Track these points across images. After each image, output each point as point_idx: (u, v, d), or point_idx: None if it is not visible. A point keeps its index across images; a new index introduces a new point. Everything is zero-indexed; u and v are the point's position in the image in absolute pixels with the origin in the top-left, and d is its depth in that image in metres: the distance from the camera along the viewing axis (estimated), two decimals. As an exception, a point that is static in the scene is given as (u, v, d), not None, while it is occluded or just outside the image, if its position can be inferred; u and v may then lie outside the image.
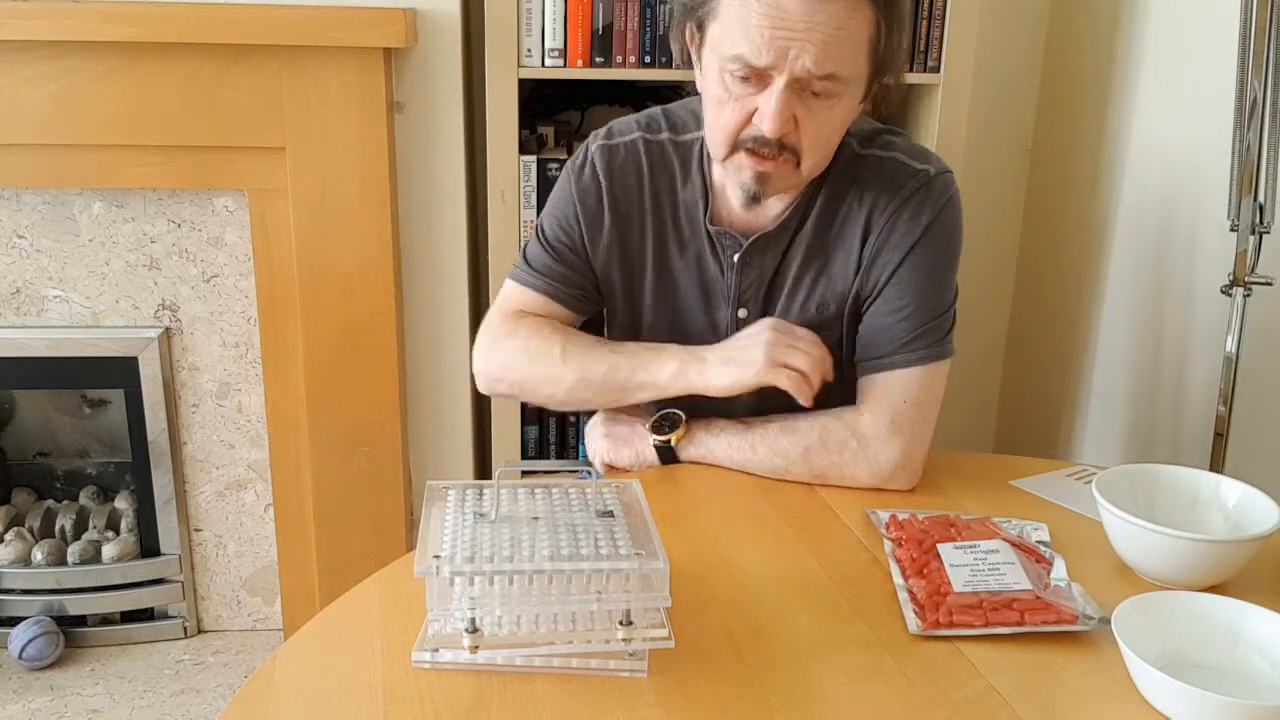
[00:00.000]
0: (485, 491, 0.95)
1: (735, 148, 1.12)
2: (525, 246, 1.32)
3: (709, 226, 1.23)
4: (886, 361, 1.19)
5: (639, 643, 0.87)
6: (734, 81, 1.08)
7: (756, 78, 1.07)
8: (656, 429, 1.25)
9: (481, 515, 0.91)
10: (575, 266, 1.28)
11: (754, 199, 1.15)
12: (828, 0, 1.03)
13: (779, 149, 1.10)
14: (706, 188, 1.24)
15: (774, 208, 1.22)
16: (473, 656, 0.87)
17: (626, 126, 1.27)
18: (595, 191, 1.25)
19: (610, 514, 0.92)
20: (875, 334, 1.21)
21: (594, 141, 1.28)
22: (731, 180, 1.18)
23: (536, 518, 0.91)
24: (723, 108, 1.11)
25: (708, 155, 1.22)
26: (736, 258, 1.23)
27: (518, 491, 0.96)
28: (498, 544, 0.87)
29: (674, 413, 1.26)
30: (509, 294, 1.30)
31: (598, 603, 0.86)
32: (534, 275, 1.28)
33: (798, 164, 1.12)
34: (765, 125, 1.07)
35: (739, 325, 1.25)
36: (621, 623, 0.87)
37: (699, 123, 1.22)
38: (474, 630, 0.86)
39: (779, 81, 1.05)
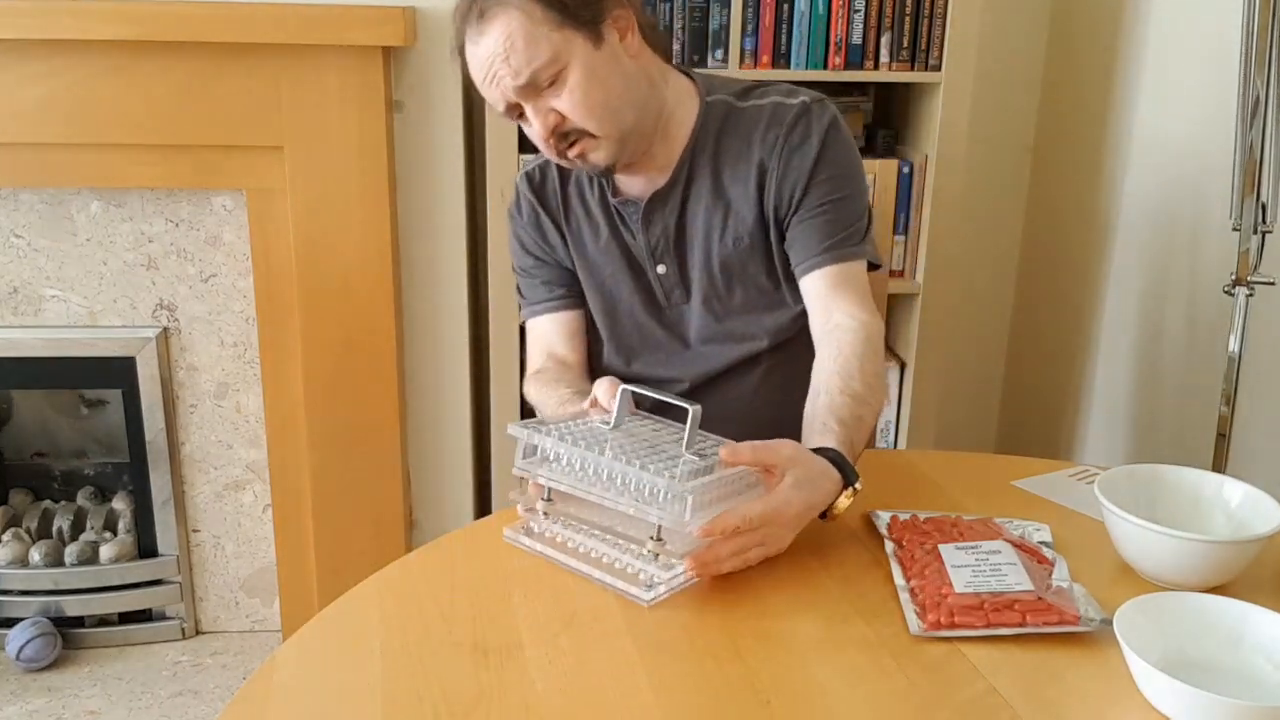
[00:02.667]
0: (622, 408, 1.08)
1: (555, 156, 1.27)
2: (517, 289, 1.48)
3: (612, 200, 1.35)
4: (833, 254, 1.29)
5: (663, 558, 0.97)
6: (515, 121, 1.25)
7: (518, 113, 1.23)
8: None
9: (606, 422, 1.06)
10: (550, 272, 1.42)
11: (604, 175, 1.31)
12: (486, 36, 1.18)
13: (568, 138, 1.23)
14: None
15: (659, 167, 1.33)
16: (544, 546, 1.04)
17: (539, 156, 1.39)
18: (530, 208, 1.40)
19: (700, 455, 1.00)
20: (810, 232, 1.29)
21: (517, 177, 1.44)
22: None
23: (644, 439, 1.04)
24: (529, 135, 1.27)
25: None
26: (638, 219, 1.34)
27: (657, 421, 1.09)
28: (594, 440, 1.01)
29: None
30: (529, 333, 1.46)
31: (634, 509, 0.96)
32: (529, 305, 1.44)
33: (595, 135, 1.23)
34: (538, 135, 1.23)
35: (663, 282, 1.37)
36: (652, 537, 0.97)
37: None
38: (549, 500, 1.04)
39: (523, 104, 1.21)
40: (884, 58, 1.94)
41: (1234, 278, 1.60)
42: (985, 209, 2.41)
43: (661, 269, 1.36)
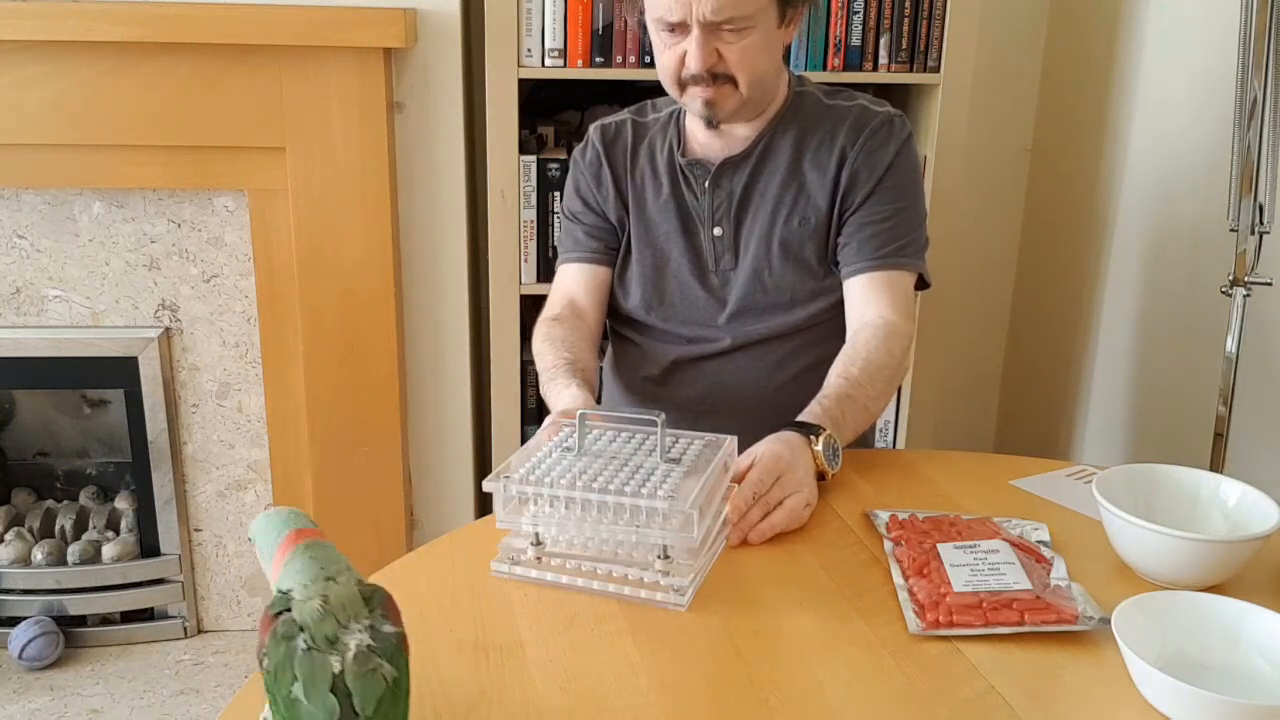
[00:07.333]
0: (581, 431, 1.07)
1: (682, 85, 1.35)
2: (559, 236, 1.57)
3: (680, 160, 1.44)
4: (886, 263, 1.38)
5: (672, 577, 0.97)
6: (665, 34, 1.32)
7: (679, 29, 1.30)
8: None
9: (568, 449, 1.04)
10: (594, 221, 1.49)
11: (710, 123, 1.38)
12: None
13: (713, 78, 1.32)
14: (680, 134, 1.46)
15: (739, 136, 1.42)
16: (540, 572, 1.00)
17: (619, 113, 1.53)
18: (595, 158, 1.49)
19: (676, 461, 1.01)
20: (867, 239, 1.39)
21: (592, 125, 1.53)
22: (692, 114, 1.40)
23: (614, 457, 1.03)
24: (662, 55, 1.34)
25: (681, 112, 1.46)
26: (707, 182, 1.42)
27: (618, 434, 1.08)
28: (568, 473, 0.99)
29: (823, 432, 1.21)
30: (557, 276, 1.53)
31: (636, 534, 0.97)
32: (565, 251, 1.52)
33: (737, 86, 1.33)
34: (692, 64, 1.31)
35: (716, 245, 1.43)
36: (659, 556, 0.97)
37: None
38: (538, 543, 1.00)
39: (694, 29, 1.28)
40: (883, 59, 1.94)
41: (1231, 278, 1.61)
42: (984, 210, 2.41)
43: (718, 231, 1.43)
